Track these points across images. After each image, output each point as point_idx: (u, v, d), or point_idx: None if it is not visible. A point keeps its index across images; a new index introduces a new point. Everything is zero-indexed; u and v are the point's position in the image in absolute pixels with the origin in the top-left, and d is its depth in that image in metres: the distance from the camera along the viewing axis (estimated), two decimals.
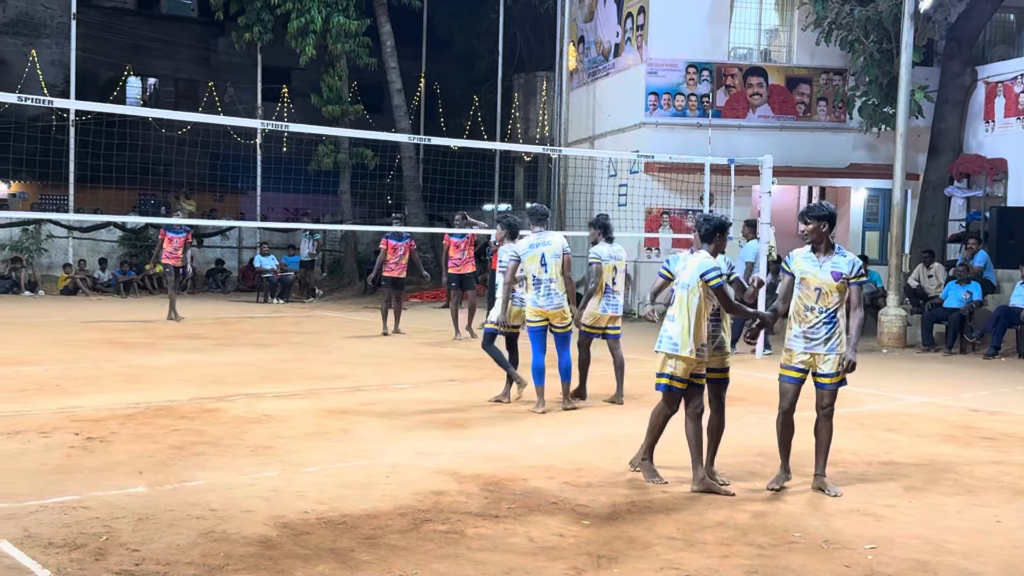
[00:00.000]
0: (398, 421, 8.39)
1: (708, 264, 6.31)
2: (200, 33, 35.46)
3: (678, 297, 6.41)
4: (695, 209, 18.69)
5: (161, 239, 16.59)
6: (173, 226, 16.53)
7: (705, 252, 6.43)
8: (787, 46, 19.94)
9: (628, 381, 9.88)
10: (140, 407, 8.61)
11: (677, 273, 6.58)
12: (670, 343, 6.40)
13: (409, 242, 15.38)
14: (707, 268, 6.28)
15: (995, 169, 17.77)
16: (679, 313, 6.38)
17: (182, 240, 16.49)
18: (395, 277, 15.18)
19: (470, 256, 14.97)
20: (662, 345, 6.47)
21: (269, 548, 4.96)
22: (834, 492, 6.26)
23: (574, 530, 5.41)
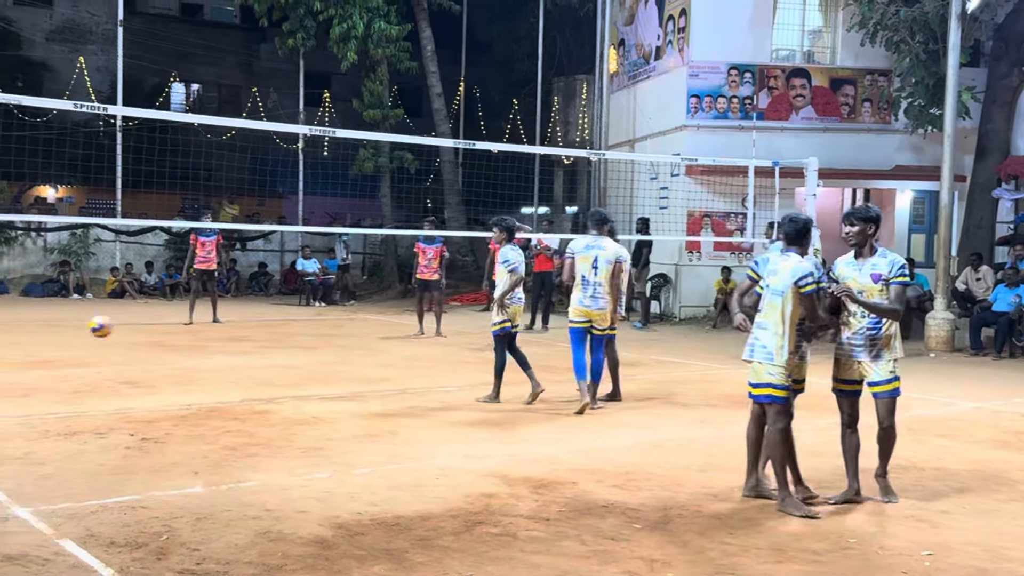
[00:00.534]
0: (445, 424, 8.44)
1: (803, 269, 5.96)
2: (243, 39, 35.90)
3: (769, 304, 6.08)
4: (738, 212, 18.61)
5: (193, 244, 16.70)
6: (203, 230, 16.54)
7: (796, 256, 6.09)
8: (831, 47, 19.79)
9: (664, 383, 9.83)
10: (192, 408, 8.74)
11: (765, 276, 6.24)
12: (764, 352, 6.06)
13: (440, 246, 15.49)
14: (802, 274, 5.94)
15: None
16: (772, 320, 6.04)
17: (213, 243, 16.56)
18: (425, 280, 15.34)
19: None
20: (755, 354, 6.11)
21: (325, 548, 5.02)
22: (888, 499, 6.15)
23: (626, 534, 5.41)
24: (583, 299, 9.17)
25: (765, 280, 6.19)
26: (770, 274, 6.13)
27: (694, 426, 8.63)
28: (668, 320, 19.20)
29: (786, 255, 6.14)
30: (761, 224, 15.27)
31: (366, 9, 24.06)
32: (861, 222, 6.12)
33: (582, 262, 9.17)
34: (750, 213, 15.02)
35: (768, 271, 6.19)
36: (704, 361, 13.40)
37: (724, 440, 8.03)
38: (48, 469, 6.48)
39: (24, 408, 8.59)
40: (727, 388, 10.88)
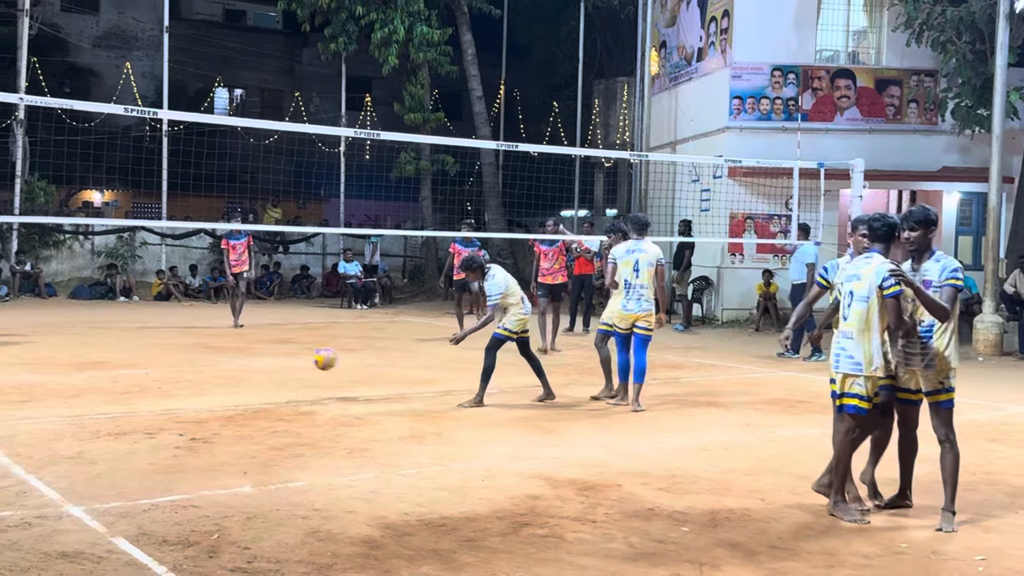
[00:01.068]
0: (489, 425, 8.46)
1: (884, 271, 5.58)
2: (285, 44, 36.26)
3: (854, 311, 5.69)
4: (781, 214, 18.46)
5: (225, 248, 16.58)
6: (232, 232, 16.46)
7: (879, 256, 5.71)
8: (876, 47, 19.56)
9: (707, 386, 9.77)
10: (239, 409, 8.83)
11: (838, 283, 5.96)
12: (850, 363, 5.72)
13: (477, 249, 15.42)
14: (884, 275, 5.57)
15: None
16: (857, 329, 5.69)
17: (244, 245, 16.43)
18: (461, 281, 15.23)
19: (562, 266, 14.55)
20: (840, 365, 5.77)
21: (374, 548, 5.05)
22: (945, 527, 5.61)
23: (674, 536, 5.39)
24: (626, 303, 9.39)
25: (845, 286, 5.81)
26: (851, 279, 5.76)
27: (739, 430, 8.57)
28: (710, 323, 19.08)
29: (868, 257, 5.76)
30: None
31: (407, 14, 24.20)
32: (921, 226, 5.75)
33: (624, 266, 9.40)
34: (794, 215, 14.88)
35: (847, 276, 5.84)
36: (747, 364, 13.31)
37: (771, 444, 7.97)
38: (100, 468, 6.58)
39: (75, 409, 8.73)
40: (771, 392, 10.80)
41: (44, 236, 23.22)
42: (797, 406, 9.87)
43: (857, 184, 13.46)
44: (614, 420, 8.86)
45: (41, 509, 5.59)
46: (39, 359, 11.98)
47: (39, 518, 5.41)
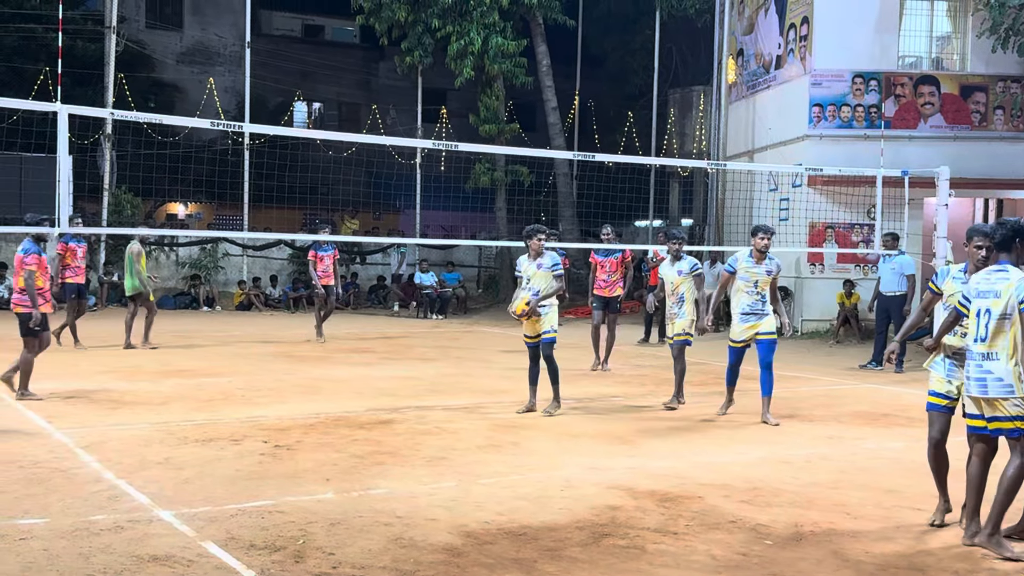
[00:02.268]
0: (566, 435, 8.45)
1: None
2: (362, 58, 36.82)
3: (995, 330, 5.30)
4: (863, 223, 18.11)
5: (312, 259, 16.22)
6: (320, 243, 16.11)
7: (1015, 270, 5.34)
8: (960, 53, 19.09)
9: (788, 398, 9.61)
10: (320, 417, 8.97)
11: (960, 297, 5.58)
12: (999, 387, 5.28)
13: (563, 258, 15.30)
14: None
15: None
16: (1001, 347, 5.29)
17: (331, 257, 16.15)
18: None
19: (620, 278, 13.20)
20: (988, 390, 5.33)
21: (455, 556, 5.08)
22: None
23: (757, 549, 5.32)
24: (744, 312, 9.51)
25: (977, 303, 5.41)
26: (985, 295, 5.36)
27: (822, 442, 8.42)
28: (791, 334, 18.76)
29: (1001, 270, 5.38)
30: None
31: (483, 26, 24.38)
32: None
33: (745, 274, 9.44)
34: (878, 224, 14.58)
35: (978, 291, 5.42)
36: (828, 376, 13.07)
37: (855, 457, 7.82)
38: (187, 474, 6.75)
39: (163, 416, 8.97)
40: (854, 405, 10.59)
41: None
42: (881, 419, 9.66)
43: (942, 192, 13.15)
44: (693, 431, 8.78)
45: (132, 513, 5.75)
46: (128, 367, 12.34)
47: (130, 522, 5.56)
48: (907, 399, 11.09)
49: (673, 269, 9.98)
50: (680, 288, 9.87)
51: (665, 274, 10.10)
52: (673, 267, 9.99)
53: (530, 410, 9.50)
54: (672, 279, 9.96)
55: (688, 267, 9.90)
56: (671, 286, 9.96)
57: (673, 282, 9.94)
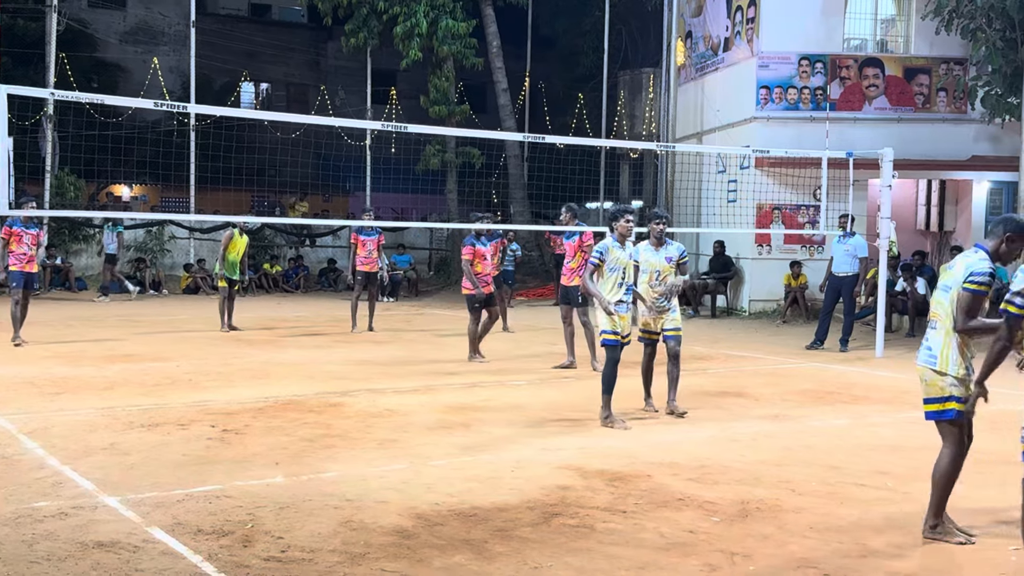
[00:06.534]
0: (517, 417, 8.48)
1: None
2: (310, 38, 36.38)
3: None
4: (809, 204, 18.34)
5: (354, 243, 15.31)
6: (365, 228, 15.15)
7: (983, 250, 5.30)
8: (904, 36, 19.36)
9: (735, 377, 9.71)
10: (269, 401, 8.90)
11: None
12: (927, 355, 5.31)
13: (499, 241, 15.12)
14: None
15: None
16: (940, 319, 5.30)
17: (375, 242, 15.26)
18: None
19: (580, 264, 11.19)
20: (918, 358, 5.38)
21: (406, 538, 5.08)
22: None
23: (704, 527, 5.39)
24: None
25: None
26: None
27: (768, 421, 8.54)
28: (737, 314, 19.02)
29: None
30: (834, 216, 15.02)
31: (431, 6, 24.22)
32: None
33: None
34: (823, 205, 14.78)
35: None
36: (775, 355, 13.25)
37: (800, 435, 7.95)
38: (133, 459, 6.66)
39: (108, 401, 8.83)
40: (800, 383, 10.75)
41: (74, 230, 23.42)
42: (826, 397, 9.82)
43: (886, 174, 13.37)
44: (639, 411, 8.84)
45: (76, 499, 5.67)
46: (72, 352, 12.13)
47: (75, 508, 5.48)
48: (851, 377, 11.30)
49: (659, 255, 8.75)
50: (668, 277, 8.70)
51: (648, 262, 8.74)
52: (658, 253, 8.76)
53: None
54: (658, 266, 8.70)
55: (677, 253, 8.78)
56: (656, 274, 8.68)
57: (660, 270, 8.69)
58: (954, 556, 4.98)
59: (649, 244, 8.85)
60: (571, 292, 11.35)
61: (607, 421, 8.08)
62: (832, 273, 13.96)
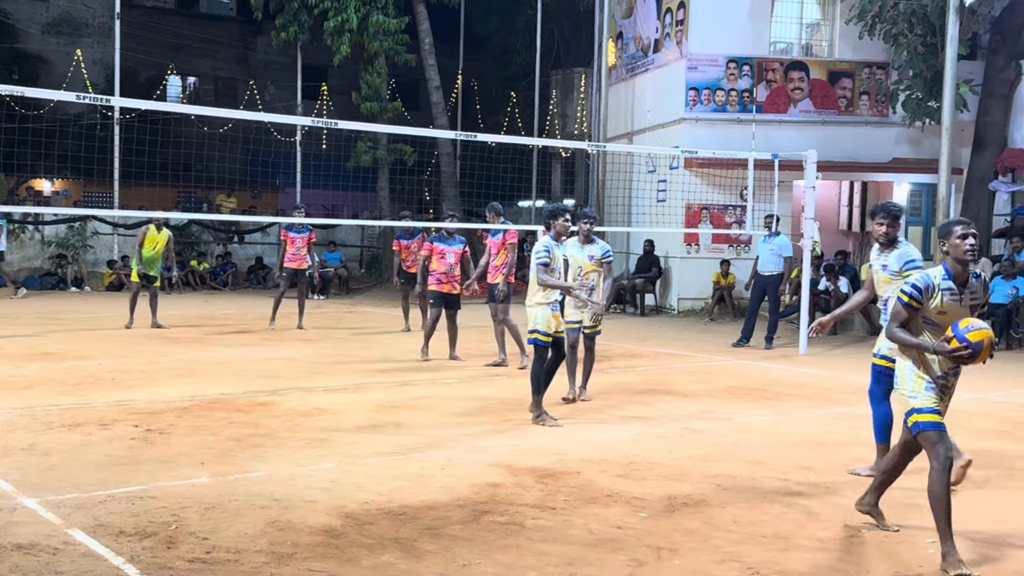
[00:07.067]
0: (448, 415, 8.47)
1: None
2: (239, 32, 35.84)
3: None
4: (736, 204, 18.64)
5: (283, 240, 15.31)
6: (294, 225, 15.23)
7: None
8: (829, 40, 19.80)
9: (664, 374, 9.84)
10: (195, 400, 8.76)
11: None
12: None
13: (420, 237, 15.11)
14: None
15: None
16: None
17: (305, 240, 15.20)
18: (410, 275, 14.86)
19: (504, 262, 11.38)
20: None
21: (334, 537, 5.05)
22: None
23: (632, 522, 5.45)
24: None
25: None
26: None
27: (696, 417, 8.67)
28: (666, 312, 19.25)
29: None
30: (760, 216, 15.32)
31: (362, 2, 24.06)
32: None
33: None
34: (749, 206, 15.04)
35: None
36: (703, 353, 13.44)
37: (726, 431, 8.08)
38: (54, 460, 6.50)
39: (27, 400, 8.61)
40: (727, 380, 10.93)
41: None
42: (751, 393, 10.00)
43: (810, 175, 13.67)
44: (573, 408, 8.91)
45: None
46: None
47: None
48: (775, 374, 11.53)
49: (583, 253, 9.20)
50: (590, 274, 9.19)
51: (573, 257, 9.19)
52: (583, 250, 9.21)
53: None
54: (582, 263, 9.18)
55: (600, 252, 9.19)
56: (579, 271, 9.18)
57: (583, 267, 9.18)
58: (873, 548, 5.12)
59: (576, 241, 9.23)
60: (495, 290, 11.40)
61: (538, 419, 8.13)
62: (758, 272, 14.26)
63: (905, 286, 5.03)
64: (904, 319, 5.02)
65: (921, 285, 4.96)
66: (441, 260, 11.94)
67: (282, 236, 15.49)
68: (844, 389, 10.36)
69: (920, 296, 4.95)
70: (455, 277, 11.97)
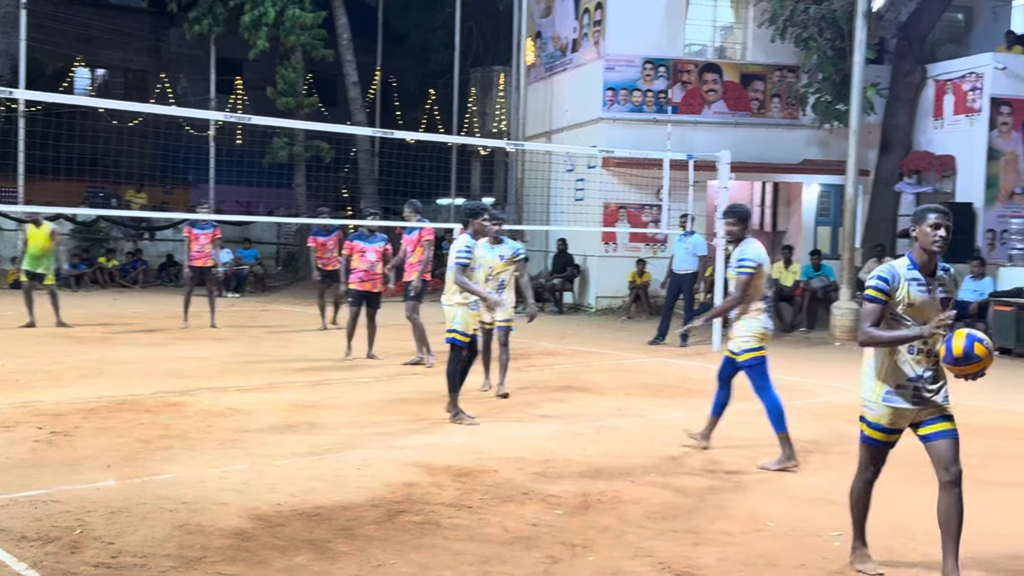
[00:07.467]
0: (365, 414, 8.41)
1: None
2: (151, 24, 35.01)
3: None
4: (652, 204, 18.88)
5: (187, 236, 14.97)
6: (198, 222, 14.85)
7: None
8: (742, 43, 20.17)
9: (581, 372, 9.92)
10: (102, 401, 8.53)
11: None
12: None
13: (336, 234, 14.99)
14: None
15: (944, 165, 18.18)
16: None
17: (209, 236, 14.84)
18: (328, 271, 14.72)
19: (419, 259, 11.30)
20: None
21: (245, 540, 4.97)
22: None
23: (547, 519, 5.48)
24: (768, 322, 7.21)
25: None
26: None
27: (611, 414, 8.75)
28: (584, 311, 19.41)
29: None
30: (675, 216, 15.55)
31: None
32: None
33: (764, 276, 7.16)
34: (665, 205, 15.25)
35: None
36: (619, 351, 13.58)
37: (640, 428, 8.18)
38: None
39: None
40: (642, 378, 11.06)
41: None
42: (666, 391, 10.15)
43: (723, 175, 13.91)
44: (490, 407, 8.92)
45: None
46: None
47: None
48: (689, 371, 11.71)
49: (494, 253, 9.19)
50: (501, 274, 9.23)
51: (483, 257, 9.10)
52: (493, 250, 9.19)
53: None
54: (492, 264, 9.17)
55: (510, 252, 9.25)
56: (490, 270, 9.15)
57: (493, 267, 9.17)
58: (781, 541, 5.23)
59: (486, 242, 9.14)
60: (408, 287, 11.36)
61: (455, 418, 8.11)
62: (673, 271, 14.47)
63: (870, 280, 4.65)
64: (875, 318, 4.62)
65: (887, 275, 4.60)
66: (362, 258, 11.81)
67: (185, 233, 15.23)
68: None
69: (887, 287, 4.59)
70: (376, 275, 11.87)
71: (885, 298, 4.60)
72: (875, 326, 4.63)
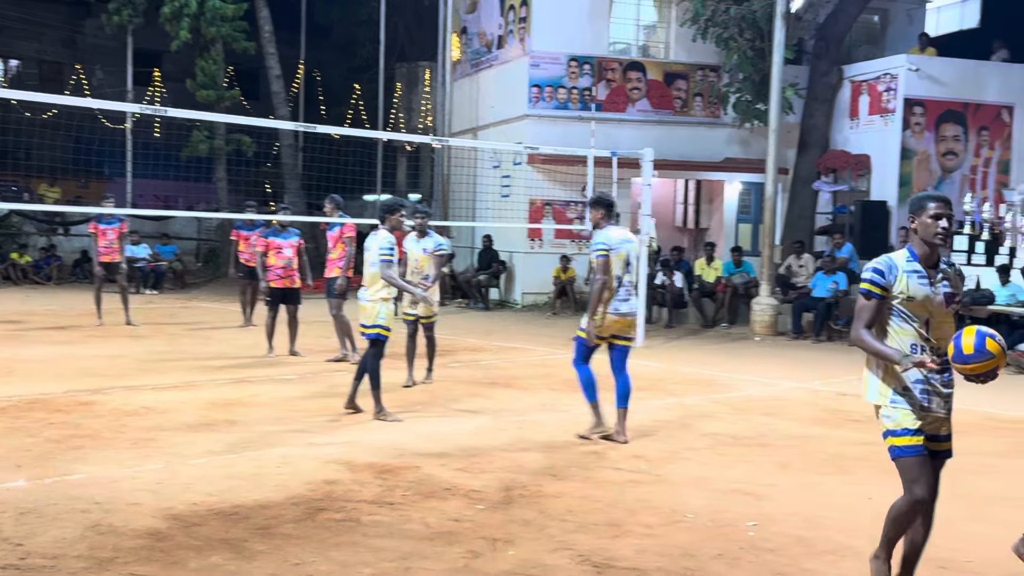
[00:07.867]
0: (286, 412, 8.30)
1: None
2: (67, 14, 34.04)
3: None
4: (577, 201, 18.99)
5: (93, 232, 14.53)
6: (103, 216, 14.38)
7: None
8: (665, 42, 20.40)
9: (506, 368, 9.94)
10: (12, 400, 8.27)
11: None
12: None
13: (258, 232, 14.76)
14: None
15: (860, 164, 18.63)
16: None
17: (116, 231, 14.47)
18: (251, 267, 14.48)
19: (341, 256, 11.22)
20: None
21: (159, 540, 4.86)
22: None
23: (469, 515, 5.47)
24: (619, 305, 7.56)
25: None
26: None
27: (536, 409, 8.78)
28: (510, 307, 19.43)
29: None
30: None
31: None
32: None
33: (617, 259, 7.55)
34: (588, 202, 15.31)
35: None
36: (544, 347, 13.63)
37: (564, 423, 8.21)
38: None
39: None
40: (566, 373, 11.02)
41: None
42: None
43: (647, 173, 14.06)
44: (414, 402, 8.88)
45: None
46: None
47: None
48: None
49: (418, 246, 9.70)
50: (425, 267, 9.67)
51: (410, 250, 9.72)
52: (418, 244, 9.71)
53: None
54: (417, 256, 9.69)
55: (433, 245, 9.71)
56: (415, 263, 9.67)
57: (418, 260, 9.67)
58: (698, 532, 5.30)
59: (414, 235, 9.72)
60: (332, 284, 11.25)
61: (379, 415, 8.05)
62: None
63: (864, 273, 4.25)
64: (869, 316, 4.20)
65: (883, 267, 4.19)
66: (279, 255, 11.65)
67: (91, 228, 14.80)
68: (679, 380, 10.71)
69: (882, 280, 4.17)
70: (293, 271, 11.73)
71: (881, 292, 4.17)
72: (869, 326, 4.21)
